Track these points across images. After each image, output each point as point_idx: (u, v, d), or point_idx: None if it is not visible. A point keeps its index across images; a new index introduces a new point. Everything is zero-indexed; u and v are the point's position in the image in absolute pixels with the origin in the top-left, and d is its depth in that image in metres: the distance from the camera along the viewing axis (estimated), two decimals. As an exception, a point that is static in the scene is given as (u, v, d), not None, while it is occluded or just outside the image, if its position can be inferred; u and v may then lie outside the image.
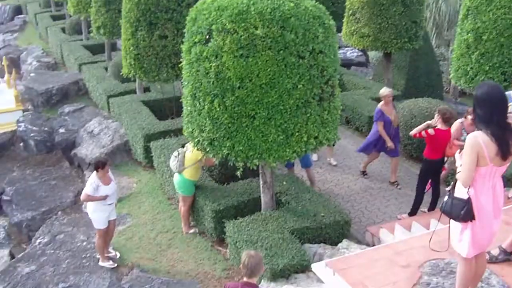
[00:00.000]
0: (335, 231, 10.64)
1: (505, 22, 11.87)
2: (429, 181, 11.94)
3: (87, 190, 10.53)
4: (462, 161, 5.85)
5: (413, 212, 11.96)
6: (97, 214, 10.80)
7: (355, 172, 14.56)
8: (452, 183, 6.17)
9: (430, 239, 6.54)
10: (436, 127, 11.24)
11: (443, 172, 12.44)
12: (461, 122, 11.16)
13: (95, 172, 10.57)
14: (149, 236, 12.11)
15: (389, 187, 13.74)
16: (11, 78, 23.20)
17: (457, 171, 5.94)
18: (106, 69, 21.77)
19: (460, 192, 5.94)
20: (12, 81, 22.83)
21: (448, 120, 11.27)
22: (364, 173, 14.27)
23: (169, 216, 12.80)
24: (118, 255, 11.46)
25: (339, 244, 10.15)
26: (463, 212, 5.83)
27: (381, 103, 13.04)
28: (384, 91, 13.10)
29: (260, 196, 11.02)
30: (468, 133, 10.38)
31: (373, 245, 10.41)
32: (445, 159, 11.94)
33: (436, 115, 11.36)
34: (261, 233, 10.02)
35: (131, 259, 11.37)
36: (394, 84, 19.53)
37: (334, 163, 14.91)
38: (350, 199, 13.25)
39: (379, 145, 13.49)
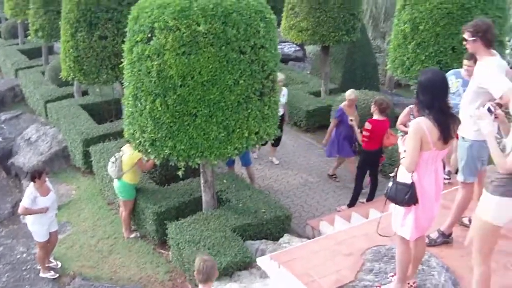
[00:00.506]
0: (276, 227, 10.65)
1: (440, 11, 11.97)
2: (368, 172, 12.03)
3: (24, 202, 10.16)
4: (405, 147, 5.93)
5: (352, 203, 12.08)
6: (37, 227, 10.46)
7: (294, 167, 14.61)
8: (395, 169, 6.18)
9: (378, 225, 6.52)
10: (373, 119, 11.32)
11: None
12: (410, 108, 11.21)
13: (32, 183, 10.20)
14: (90, 244, 11.82)
15: (328, 181, 13.85)
16: None
17: (401, 157, 6.00)
18: (43, 73, 21.19)
19: (404, 177, 5.99)
20: None
21: (384, 110, 11.35)
22: (332, 176, 14.14)
23: (109, 221, 12.54)
24: (60, 264, 11.16)
25: (281, 239, 10.16)
26: (407, 196, 5.90)
27: (345, 103, 12.89)
28: (351, 94, 12.91)
29: (201, 196, 10.91)
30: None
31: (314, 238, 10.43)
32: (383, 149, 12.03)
33: (372, 106, 11.42)
34: (203, 233, 9.92)
35: (73, 268, 11.08)
36: (331, 78, 19.73)
37: (276, 162, 14.89)
38: (289, 194, 13.28)
39: (337, 148, 13.29)
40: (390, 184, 6.12)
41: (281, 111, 13.44)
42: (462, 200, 7.65)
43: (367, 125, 11.30)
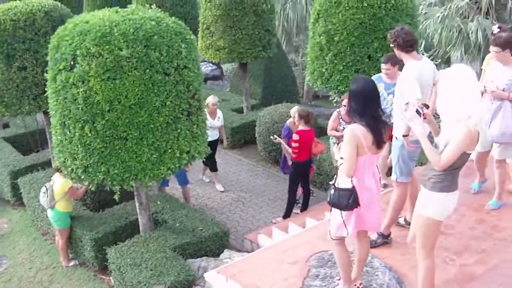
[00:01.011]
0: (215, 243, 10.81)
1: (354, 22, 12.42)
2: (299, 183, 12.37)
3: None
4: (342, 154, 6.19)
5: (287, 215, 12.34)
6: None
7: (225, 184, 14.81)
8: (335, 176, 6.45)
9: (329, 231, 6.68)
10: (299, 130, 11.68)
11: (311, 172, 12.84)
12: (338, 112, 11.59)
13: None
14: (29, 275, 11.69)
15: (260, 195, 14.09)
16: None
17: (339, 164, 6.25)
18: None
19: (344, 183, 6.23)
20: None
21: (309, 120, 11.74)
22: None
23: (46, 252, 12.42)
24: None
25: (221, 255, 10.32)
26: (351, 200, 6.14)
27: (290, 120, 12.92)
28: (296, 111, 13.06)
29: (137, 219, 11.00)
30: (345, 121, 10.95)
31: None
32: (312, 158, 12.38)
33: (297, 118, 11.77)
34: (143, 255, 9.98)
35: (12, 302, 10.96)
36: (251, 93, 20.05)
37: (221, 189, 14.65)
38: (224, 210, 13.49)
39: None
40: (332, 191, 6.33)
41: (216, 134, 13.69)
42: (397, 200, 7.96)
43: (295, 137, 11.64)
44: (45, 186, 11.33)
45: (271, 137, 12.70)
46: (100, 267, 11.14)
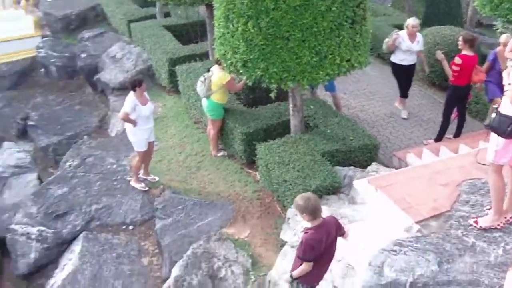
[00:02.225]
0: (364, 155, 10.75)
1: None
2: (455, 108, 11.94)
3: (126, 108, 10.50)
4: (510, 79, 5.86)
5: (438, 138, 11.98)
6: (137, 137, 10.86)
7: (379, 98, 14.55)
8: (500, 100, 6.19)
9: (477, 154, 6.55)
10: (462, 54, 11.17)
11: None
12: None
13: (132, 92, 10.55)
14: (179, 159, 12.23)
15: (414, 115, 13.73)
16: (28, 3, 22.99)
17: (505, 89, 5.97)
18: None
19: (507, 109, 5.99)
20: (29, 6, 22.62)
21: (473, 45, 11.17)
22: None
23: (196, 139, 12.90)
24: (157, 179, 11.57)
25: (369, 167, 10.25)
26: (510, 128, 5.92)
27: (500, 47, 11.58)
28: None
29: (289, 120, 11.09)
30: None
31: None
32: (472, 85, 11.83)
33: (461, 42, 11.23)
34: (292, 155, 10.13)
35: (162, 181, 11.51)
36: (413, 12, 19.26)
37: (405, 116, 13.78)
38: (375, 124, 13.27)
39: None
40: (493, 115, 6.13)
41: (414, 59, 13.15)
42: None
43: (457, 60, 11.14)
44: (204, 76, 11.60)
45: (437, 51, 12.11)
46: (248, 161, 11.47)
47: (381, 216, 7.72)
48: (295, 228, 9.00)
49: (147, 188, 11.36)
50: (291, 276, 6.62)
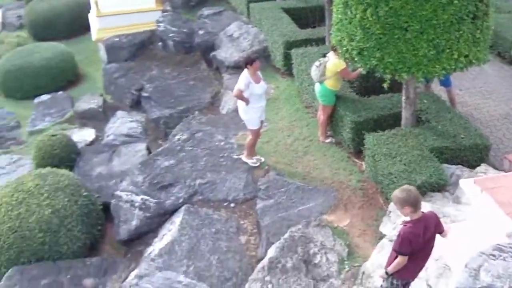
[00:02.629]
0: (473, 154, 10.40)
1: None
2: None
3: (239, 85, 10.64)
4: None
5: None
6: (250, 115, 10.99)
7: (496, 98, 13.98)
8: None
9: None
10: None
11: None
12: None
13: (245, 69, 10.67)
14: (286, 142, 12.28)
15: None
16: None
17: None
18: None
19: None
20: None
21: None
22: None
23: (305, 124, 12.88)
24: (263, 159, 11.65)
25: (477, 168, 9.96)
26: None
27: None
28: None
29: (400, 112, 10.89)
30: None
31: (511, 173, 10.14)
32: None
33: None
34: (400, 148, 9.96)
35: (267, 162, 11.59)
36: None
37: None
38: (489, 124, 12.79)
39: None
40: None
41: None
42: None
43: None
44: (319, 61, 11.56)
45: None
46: (355, 150, 11.36)
47: (484, 219, 7.51)
48: (396, 222, 8.86)
49: (257, 164, 11.49)
50: (386, 272, 6.53)
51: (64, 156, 13.52)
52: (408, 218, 6.24)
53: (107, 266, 10.75)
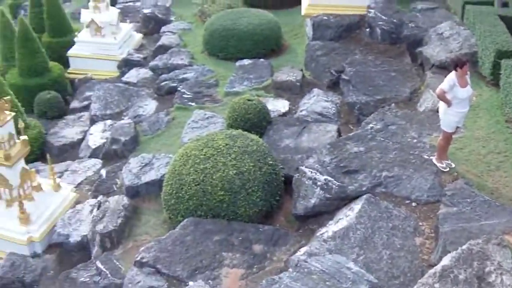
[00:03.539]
0: None
1: None
2: None
3: (444, 86, 10.57)
4: None
5: None
6: (448, 117, 10.90)
7: None
8: None
9: None
10: None
11: None
12: None
13: (454, 71, 10.55)
14: (480, 153, 12.02)
15: None
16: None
17: None
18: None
19: None
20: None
21: None
22: None
23: (503, 138, 12.51)
24: (453, 165, 11.50)
25: None
26: None
27: None
28: None
29: None
30: None
31: None
32: None
33: None
34: None
35: (457, 169, 11.44)
36: None
37: None
38: None
39: None
40: None
41: None
42: None
43: None
44: None
45: None
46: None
47: None
48: None
49: (447, 169, 11.37)
50: None
51: (256, 122, 14.17)
52: None
53: (279, 237, 11.22)
